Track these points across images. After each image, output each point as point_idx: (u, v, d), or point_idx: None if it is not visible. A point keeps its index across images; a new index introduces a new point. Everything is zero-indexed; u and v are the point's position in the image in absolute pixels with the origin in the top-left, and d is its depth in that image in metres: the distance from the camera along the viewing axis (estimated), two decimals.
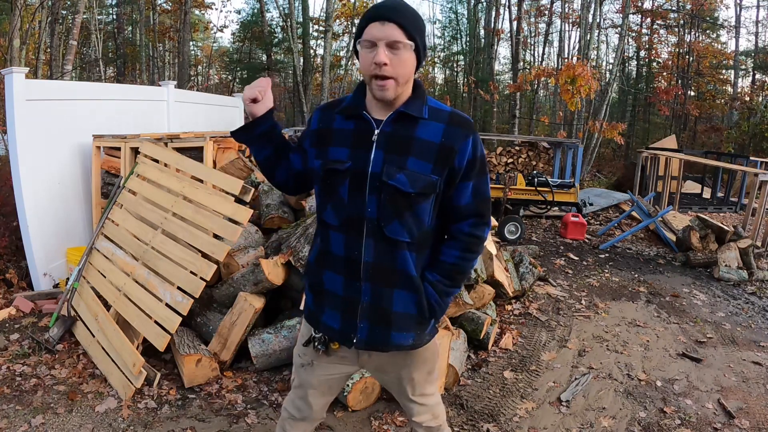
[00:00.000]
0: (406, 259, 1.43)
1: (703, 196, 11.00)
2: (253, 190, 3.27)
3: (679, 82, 16.98)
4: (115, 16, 18.20)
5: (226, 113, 7.66)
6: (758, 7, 17.47)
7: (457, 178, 1.43)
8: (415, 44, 1.34)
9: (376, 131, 1.41)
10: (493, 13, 15.79)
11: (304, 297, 1.64)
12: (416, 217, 1.42)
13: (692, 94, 17.45)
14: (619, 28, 14.28)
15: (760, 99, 16.32)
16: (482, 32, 17.35)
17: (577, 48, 15.55)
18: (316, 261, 1.54)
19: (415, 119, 1.40)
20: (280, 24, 17.11)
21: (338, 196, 1.44)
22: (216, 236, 3.15)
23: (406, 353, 1.54)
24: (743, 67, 18.03)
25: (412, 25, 1.33)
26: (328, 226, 1.49)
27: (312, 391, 1.63)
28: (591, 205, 8.31)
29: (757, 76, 17.77)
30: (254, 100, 1.49)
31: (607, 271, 5.62)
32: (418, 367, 1.59)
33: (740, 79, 17.92)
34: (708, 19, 17.74)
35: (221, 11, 44.10)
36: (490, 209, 1.54)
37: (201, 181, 3.42)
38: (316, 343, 1.55)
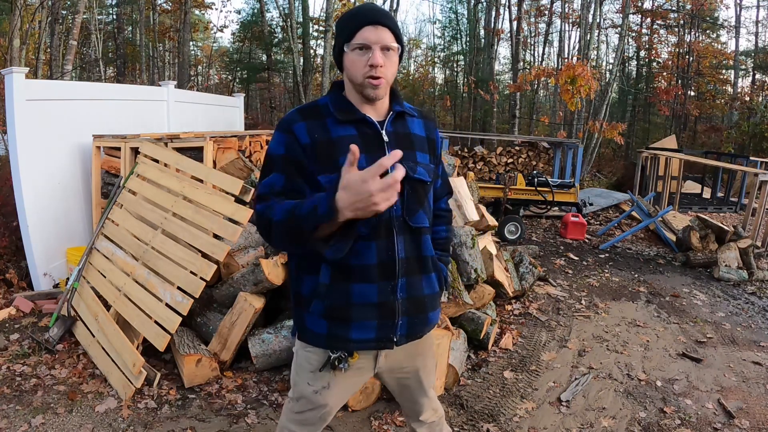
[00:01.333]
0: (427, 242, 1.54)
1: (703, 196, 11.01)
2: (253, 189, 3.27)
3: (679, 82, 16.97)
4: (115, 16, 18.20)
5: (226, 113, 7.66)
6: (758, 7, 17.49)
7: (437, 163, 1.63)
8: (401, 48, 1.44)
9: (384, 131, 1.44)
10: (493, 13, 15.78)
11: (298, 324, 1.55)
12: (429, 203, 1.57)
13: (692, 94, 17.45)
14: (619, 28, 14.28)
15: (760, 99, 16.33)
16: (482, 32, 17.35)
17: (577, 48, 15.57)
18: (333, 280, 1.42)
19: (406, 117, 1.53)
20: (280, 24, 17.11)
21: None
22: (216, 236, 3.15)
23: (417, 342, 1.58)
24: (743, 67, 18.03)
25: (399, 30, 1.43)
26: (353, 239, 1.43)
27: (329, 409, 1.60)
28: (591, 205, 8.31)
29: (757, 76, 17.78)
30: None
31: (607, 271, 5.62)
32: (428, 351, 1.69)
33: (740, 79, 17.93)
34: (708, 19, 17.73)
35: (221, 11, 44.10)
36: None
37: (201, 181, 3.42)
38: (337, 363, 1.48)
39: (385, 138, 1.43)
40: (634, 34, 17.64)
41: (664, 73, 18.20)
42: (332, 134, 1.40)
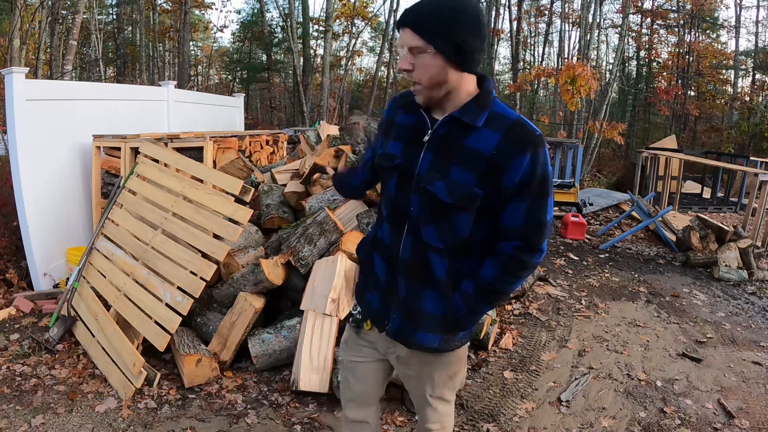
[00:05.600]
0: (436, 263, 1.40)
1: (703, 196, 11.00)
2: (252, 190, 3.28)
3: (679, 82, 16.98)
4: (115, 16, 18.21)
5: (226, 113, 7.66)
6: (758, 7, 17.49)
7: (506, 196, 1.30)
8: (435, 47, 1.24)
9: (429, 131, 1.37)
10: (493, 13, 15.80)
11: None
12: (452, 227, 1.35)
13: (692, 94, 17.46)
14: (619, 28, 14.29)
15: (760, 99, 16.33)
16: None
17: (577, 48, 15.56)
18: (370, 241, 1.59)
19: (468, 126, 1.30)
20: (280, 24, 17.13)
21: (388, 189, 1.48)
22: (216, 236, 3.15)
23: (430, 354, 1.52)
24: (743, 67, 18.03)
25: (428, 27, 1.24)
26: (381, 215, 1.54)
27: (348, 372, 1.70)
28: (591, 205, 8.31)
29: (757, 76, 17.78)
30: None
31: (607, 271, 5.62)
32: (438, 369, 1.56)
33: (740, 79, 17.94)
34: (708, 19, 17.74)
35: (221, 11, 44.18)
36: (545, 235, 1.35)
37: (201, 181, 3.42)
38: (351, 321, 1.63)
39: (426, 138, 1.37)
40: (634, 34, 17.66)
41: (664, 73, 18.22)
42: (398, 119, 1.49)
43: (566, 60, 14.09)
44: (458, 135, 1.32)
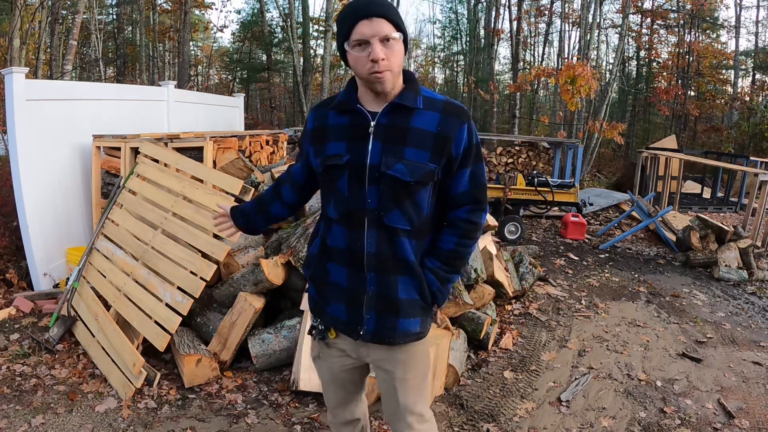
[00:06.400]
0: (405, 246, 1.45)
1: (703, 196, 11.00)
2: (253, 190, 3.27)
3: (679, 82, 16.97)
4: (115, 16, 18.21)
5: (226, 113, 7.66)
6: (758, 7, 17.47)
7: (455, 166, 1.46)
8: (403, 35, 1.37)
9: (372, 123, 1.41)
10: (493, 13, 15.80)
11: (306, 287, 1.67)
12: (416, 206, 1.44)
13: (692, 94, 17.45)
14: (619, 28, 14.29)
15: (760, 99, 16.33)
16: (482, 32, 17.36)
17: (577, 48, 15.56)
18: (319, 253, 1.56)
19: (409, 110, 1.41)
20: (280, 24, 17.12)
21: (338, 189, 1.46)
22: (216, 236, 3.15)
23: (401, 348, 1.52)
24: (743, 67, 18.03)
25: (397, 16, 1.36)
26: (330, 220, 1.51)
27: (328, 384, 1.70)
28: (591, 205, 8.30)
29: (757, 76, 17.78)
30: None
31: (607, 271, 5.62)
32: (412, 366, 1.56)
33: (740, 79, 17.92)
34: (708, 19, 17.74)
35: (221, 11, 44.17)
36: (487, 195, 1.54)
37: (201, 181, 3.42)
38: (314, 333, 1.60)
39: (371, 130, 1.41)
40: (634, 34, 17.65)
41: (664, 73, 18.20)
42: (329, 122, 1.49)
43: (566, 60, 14.08)
44: (403, 119, 1.41)
